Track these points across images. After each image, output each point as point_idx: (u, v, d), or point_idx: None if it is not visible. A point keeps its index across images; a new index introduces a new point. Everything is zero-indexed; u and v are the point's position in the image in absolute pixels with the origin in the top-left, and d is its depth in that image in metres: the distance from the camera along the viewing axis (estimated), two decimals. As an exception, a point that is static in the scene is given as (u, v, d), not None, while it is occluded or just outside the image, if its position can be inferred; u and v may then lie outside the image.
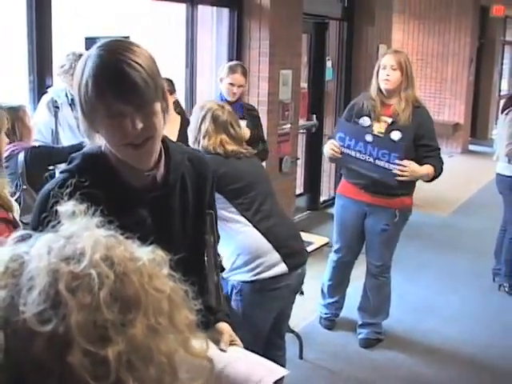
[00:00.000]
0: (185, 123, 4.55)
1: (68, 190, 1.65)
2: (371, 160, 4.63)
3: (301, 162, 8.46)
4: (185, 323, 0.87)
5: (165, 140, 1.97)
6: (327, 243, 5.30)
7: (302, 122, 8.17)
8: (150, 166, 1.90)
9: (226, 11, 6.87)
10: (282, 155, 7.08)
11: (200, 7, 6.49)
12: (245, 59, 6.84)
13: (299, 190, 8.57)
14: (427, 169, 4.70)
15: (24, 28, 4.82)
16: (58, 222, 0.89)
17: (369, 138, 4.63)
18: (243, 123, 5.37)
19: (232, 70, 5.39)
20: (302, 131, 8.28)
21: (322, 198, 9.11)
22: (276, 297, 3.60)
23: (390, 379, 4.74)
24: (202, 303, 2.11)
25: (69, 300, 0.76)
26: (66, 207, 0.92)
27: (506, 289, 6.34)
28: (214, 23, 6.92)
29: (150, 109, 1.78)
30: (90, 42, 5.08)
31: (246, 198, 3.54)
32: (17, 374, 0.75)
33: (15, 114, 4.01)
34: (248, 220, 3.52)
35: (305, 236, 4.43)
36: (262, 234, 3.52)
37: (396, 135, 4.72)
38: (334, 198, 9.19)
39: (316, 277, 6.08)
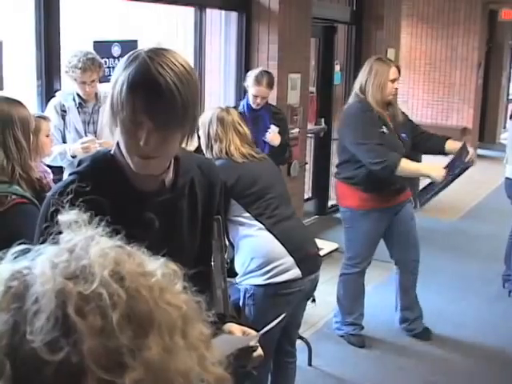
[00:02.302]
0: None
1: (69, 197, 1.63)
2: None
3: (309, 167, 8.43)
4: (199, 338, 0.83)
5: None
6: (337, 249, 5.26)
7: (310, 126, 8.14)
8: (159, 172, 1.90)
9: (234, 15, 6.85)
10: (290, 160, 7.04)
11: (208, 11, 6.47)
12: (253, 63, 6.82)
13: (307, 194, 8.53)
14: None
15: (32, 32, 4.81)
16: (60, 232, 0.84)
17: None
18: (275, 129, 5.40)
19: (257, 81, 5.36)
20: (309, 135, 8.26)
21: (330, 203, 9.07)
22: (288, 302, 3.55)
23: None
24: (209, 310, 2.09)
25: (80, 325, 0.71)
26: (67, 216, 0.87)
27: (517, 295, 6.30)
28: (222, 27, 6.90)
29: (168, 133, 1.77)
30: (98, 45, 5.08)
31: (262, 202, 3.52)
32: None
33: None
34: (262, 224, 3.50)
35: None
36: (276, 237, 3.49)
37: (404, 136, 4.88)
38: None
39: (325, 282, 6.04)
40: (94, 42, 5.14)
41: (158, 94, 1.71)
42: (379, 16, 8.93)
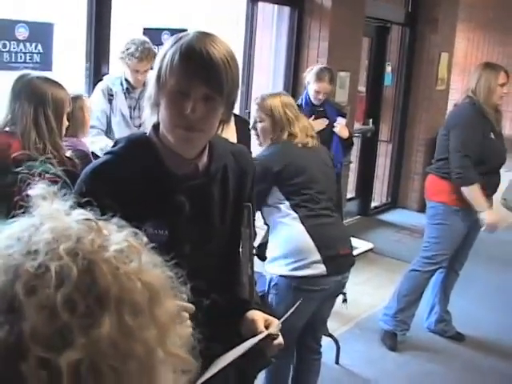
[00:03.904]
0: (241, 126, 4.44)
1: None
2: None
3: (354, 167, 8.39)
4: (166, 316, 0.79)
5: None
6: (372, 249, 5.22)
7: (357, 125, 8.10)
8: (193, 156, 1.92)
9: (287, 9, 6.85)
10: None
11: (261, 4, 6.48)
12: (303, 58, 6.82)
13: (350, 194, 8.50)
14: None
15: (84, 16, 4.88)
16: (32, 207, 0.83)
17: None
18: (343, 120, 5.63)
19: (319, 78, 5.49)
20: (356, 135, 8.20)
21: (373, 204, 9.02)
22: (311, 299, 3.51)
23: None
24: (234, 295, 2.09)
25: (24, 302, 0.69)
26: (37, 190, 0.85)
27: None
28: (274, 20, 6.91)
29: (214, 104, 1.83)
30: (148, 32, 5.12)
31: (304, 194, 3.49)
32: None
33: (75, 103, 3.70)
34: (297, 214, 3.47)
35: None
36: (307, 231, 3.46)
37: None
38: (385, 205, 9.15)
39: (362, 283, 6.02)
40: (144, 28, 5.18)
41: (211, 62, 1.78)
42: (434, 19, 8.81)
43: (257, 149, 3.72)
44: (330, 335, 4.67)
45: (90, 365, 0.69)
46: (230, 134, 4.18)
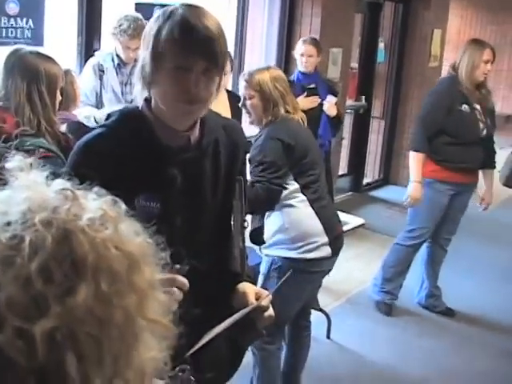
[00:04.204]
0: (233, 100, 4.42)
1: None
2: None
3: (346, 143, 8.40)
4: (145, 283, 0.80)
5: None
6: (363, 224, 5.24)
7: (350, 102, 8.09)
8: (186, 127, 1.95)
9: (279, -14, 6.81)
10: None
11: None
12: (295, 35, 6.80)
13: (343, 170, 8.52)
14: None
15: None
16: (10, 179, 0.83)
17: None
18: (333, 99, 5.54)
19: (303, 41, 5.65)
20: (349, 111, 8.20)
21: (365, 181, 9.04)
22: (312, 281, 3.54)
23: (416, 367, 4.66)
24: (227, 268, 2.10)
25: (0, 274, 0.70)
26: (14, 163, 0.85)
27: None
28: (266, -3, 6.87)
29: (211, 76, 1.86)
30: (140, 7, 5.09)
31: (310, 175, 3.43)
32: None
33: (65, 78, 3.64)
34: (305, 196, 3.41)
35: (341, 216, 4.36)
36: (316, 214, 3.41)
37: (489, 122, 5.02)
38: (377, 181, 9.17)
39: (352, 259, 6.05)
40: (136, 3, 5.15)
41: (209, 36, 1.80)
42: (428, -5, 8.79)
43: (248, 127, 3.53)
44: (321, 310, 4.70)
45: (67, 332, 0.70)
46: (224, 109, 4.18)
